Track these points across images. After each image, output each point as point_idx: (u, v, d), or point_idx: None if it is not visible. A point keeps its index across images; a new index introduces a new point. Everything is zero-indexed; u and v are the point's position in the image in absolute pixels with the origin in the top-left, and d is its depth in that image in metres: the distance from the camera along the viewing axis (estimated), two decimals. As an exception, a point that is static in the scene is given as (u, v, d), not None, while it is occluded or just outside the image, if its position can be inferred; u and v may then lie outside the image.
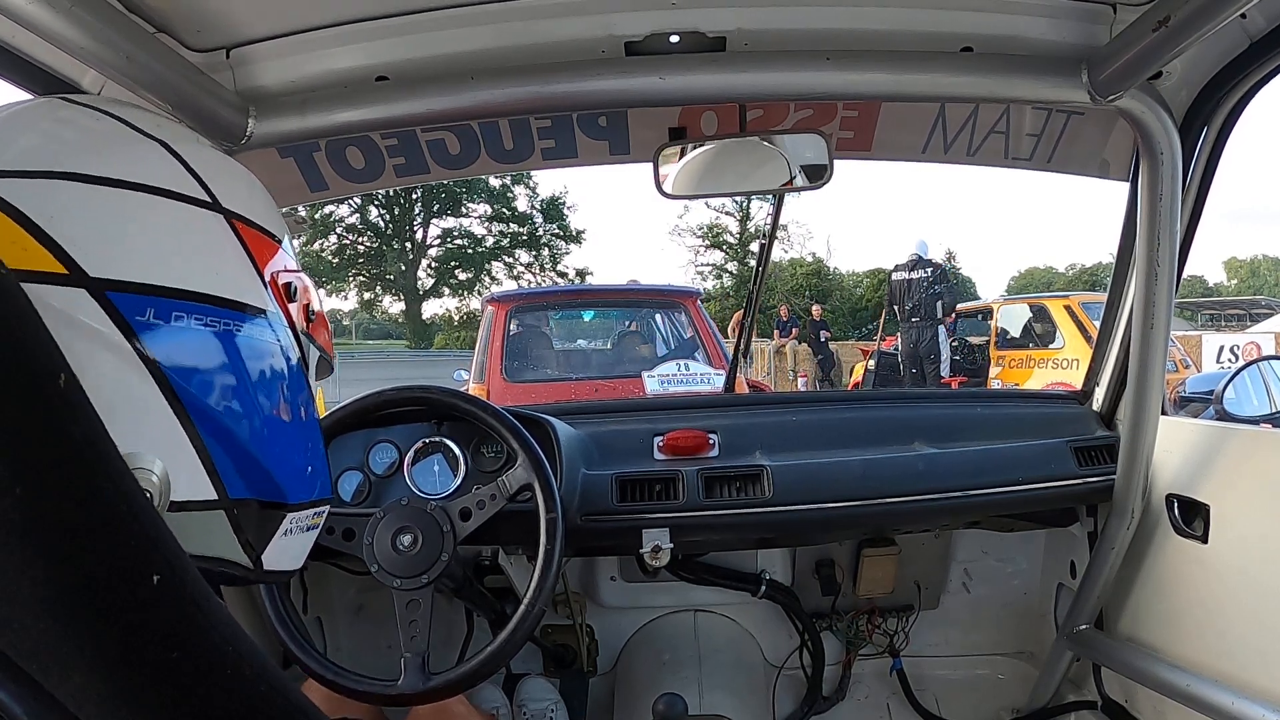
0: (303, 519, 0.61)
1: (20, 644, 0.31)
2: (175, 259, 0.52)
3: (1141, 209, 1.14)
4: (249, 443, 0.54)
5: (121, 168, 0.52)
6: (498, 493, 1.13)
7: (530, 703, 1.59)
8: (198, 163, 0.56)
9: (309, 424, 0.62)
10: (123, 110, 0.56)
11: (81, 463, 0.32)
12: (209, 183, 0.56)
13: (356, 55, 1.06)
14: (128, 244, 0.50)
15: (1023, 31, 1.04)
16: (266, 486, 0.56)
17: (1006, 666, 1.77)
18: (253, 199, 0.60)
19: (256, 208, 0.59)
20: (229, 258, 0.55)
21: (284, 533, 0.59)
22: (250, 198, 0.60)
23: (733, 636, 1.77)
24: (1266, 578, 1.09)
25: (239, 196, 0.58)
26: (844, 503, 1.31)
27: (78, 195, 0.49)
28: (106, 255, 0.49)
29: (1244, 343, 9.95)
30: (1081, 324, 7.06)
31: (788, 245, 27.32)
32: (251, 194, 0.60)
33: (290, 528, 0.59)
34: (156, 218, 0.52)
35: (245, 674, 0.36)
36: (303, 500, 0.60)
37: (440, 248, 28.23)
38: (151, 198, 0.52)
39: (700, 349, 4.56)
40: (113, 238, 0.50)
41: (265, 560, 0.57)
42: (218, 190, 0.56)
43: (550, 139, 1.39)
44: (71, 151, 0.51)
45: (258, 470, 0.55)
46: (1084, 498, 1.42)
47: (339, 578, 1.55)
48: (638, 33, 1.04)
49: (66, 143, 0.52)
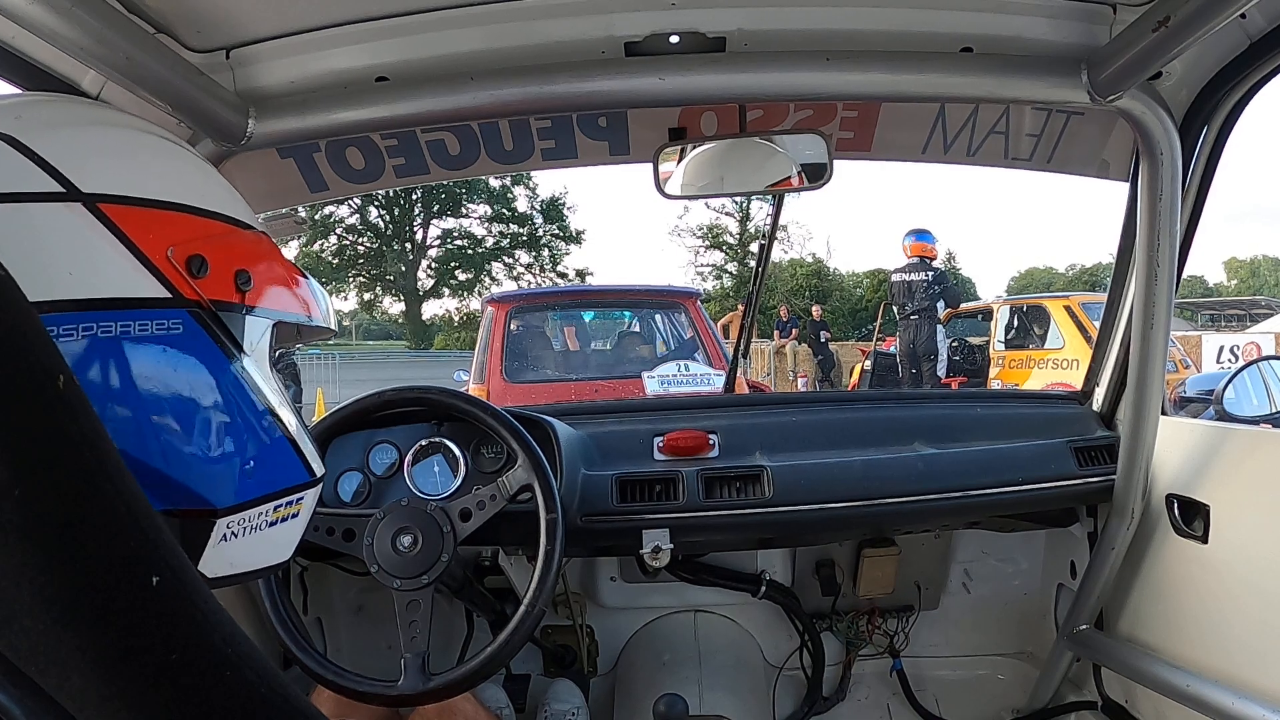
0: (252, 518, 0.55)
1: (20, 645, 0.31)
2: (26, 270, 0.44)
3: (1141, 209, 1.14)
4: (150, 454, 0.49)
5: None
6: (498, 493, 1.13)
7: (554, 703, 1.60)
8: (49, 147, 0.49)
9: (247, 415, 0.55)
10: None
11: (81, 464, 0.32)
12: (62, 168, 0.48)
13: (356, 56, 1.06)
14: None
15: (1022, 32, 1.04)
16: (180, 496, 0.50)
17: (1007, 667, 1.77)
18: (140, 168, 0.53)
19: (141, 178, 0.52)
20: (93, 252, 0.48)
21: (222, 539, 0.53)
22: (136, 167, 0.53)
23: (733, 637, 1.77)
24: (1266, 578, 1.09)
25: (113, 171, 0.51)
26: (844, 503, 1.31)
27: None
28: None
29: (1244, 343, 9.95)
30: (1081, 324, 7.06)
31: (788, 246, 27.40)
32: (139, 162, 0.53)
33: (234, 531, 0.54)
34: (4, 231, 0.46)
35: (245, 675, 0.36)
36: (242, 501, 0.54)
37: (440, 248, 28.29)
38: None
39: (700, 349, 4.56)
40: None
41: (206, 570, 0.52)
42: (79, 172, 0.49)
43: (550, 139, 1.39)
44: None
45: (165, 482, 0.49)
46: (1084, 498, 1.42)
47: (339, 578, 1.55)
48: (638, 33, 1.04)
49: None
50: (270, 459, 0.57)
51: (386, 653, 1.56)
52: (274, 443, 0.57)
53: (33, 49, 0.90)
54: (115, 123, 0.56)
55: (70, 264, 0.47)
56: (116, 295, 0.48)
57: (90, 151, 0.51)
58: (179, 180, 0.55)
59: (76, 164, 0.49)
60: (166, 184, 0.53)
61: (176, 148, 0.58)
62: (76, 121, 0.54)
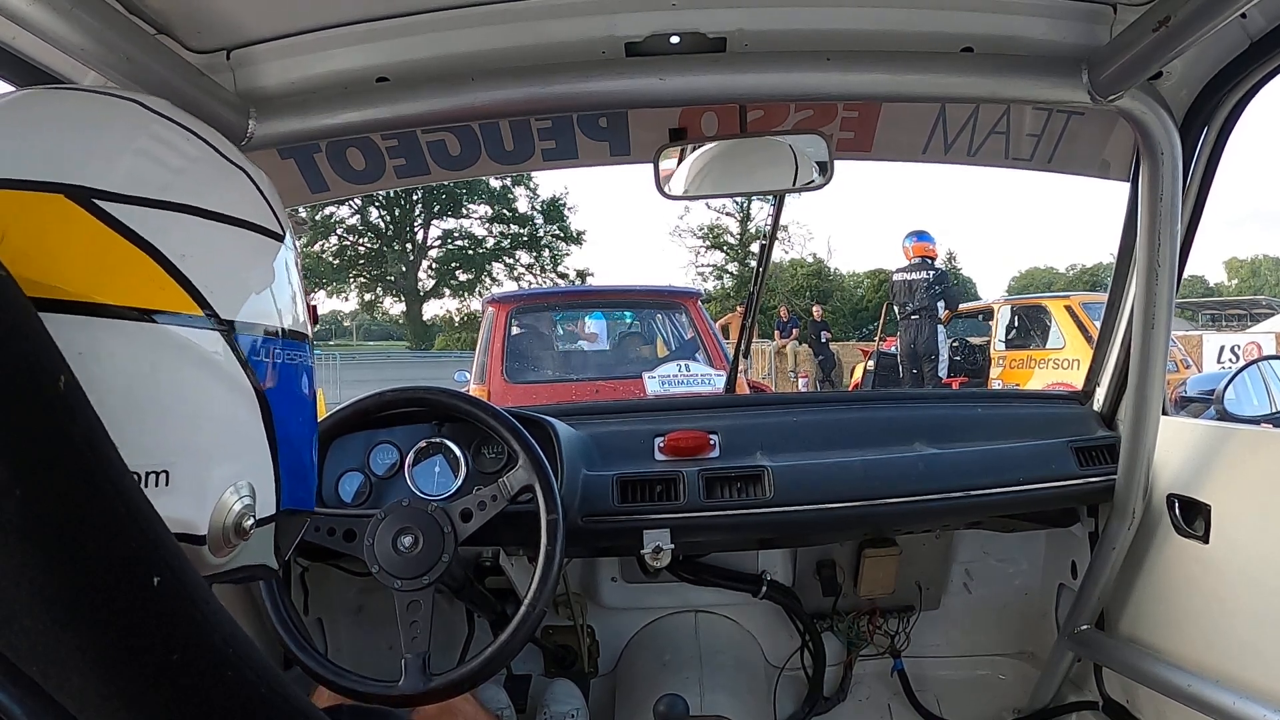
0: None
1: (20, 645, 0.31)
2: (273, 297, 0.54)
3: (1142, 209, 1.14)
4: (304, 458, 0.58)
5: (226, 202, 0.52)
6: (498, 494, 1.13)
7: (555, 703, 1.59)
8: (265, 189, 0.57)
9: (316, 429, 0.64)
10: (200, 128, 0.56)
11: (81, 464, 0.33)
12: (277, 211, 0.57)
13: (357, 56, 1.06)
14: (246, 285, 0.52)
15: (1023, 32, 1.04)
16: (303, 495, 0.59)
17: (1007, 667, 1.77)
18: (282, 214, 0.60)
19: (285, 223, 0.60)
20: (295, 290, 0.57)
21: (299, 534, 0.61)
22: (282, 214, 0.60)
23: (734, 637, 1.77)
24: (1267, 578, 1.09)
25: (283, 218, 0.58)
26: (845, 503, 1.30)
27: (201, 232, 0.50)
28: (232, 297, 0.50)
29: (1244, 343, 9.93)
30: (1082, 324, 7.05)
31: (788, 246, 27.41)
32: (279, 208, 0.60)
33: (303, 528, 0.62)
34: (256, 255, 0.54)
35: (245, 675, 0.36)
36: (314, 504, 0.62)
37: (441, 249, 28.29)
38: (249, 234, 0.53)
39: (701, 350, 4.56)
40: (235, 279, 0.51)
41: (285, 560, 0.60)
42: (280, 217, 0.57)
43: (551, 140, 1.39)
44: (184, 182, 0.51)
45: (302, 483, 0.58)
46: (1085, 498, 1.42)
47: (340, 579, 1.55)
48: (638, 33, 1.04)
49: (176, 170, 0.51)
50: None
51: (387, 653, 1.56)
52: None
53: (33, 49, 0.90)
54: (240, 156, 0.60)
55: (291, 299, 0.56)
56: (306, 331, 0.58)
57: (271, 192, 0.58)
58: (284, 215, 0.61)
59: (275, 204, 0.57)
60: (286, 223, 0.60)
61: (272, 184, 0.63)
62: (253, 163, 0.59)
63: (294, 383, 0.56)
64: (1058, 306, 7.51)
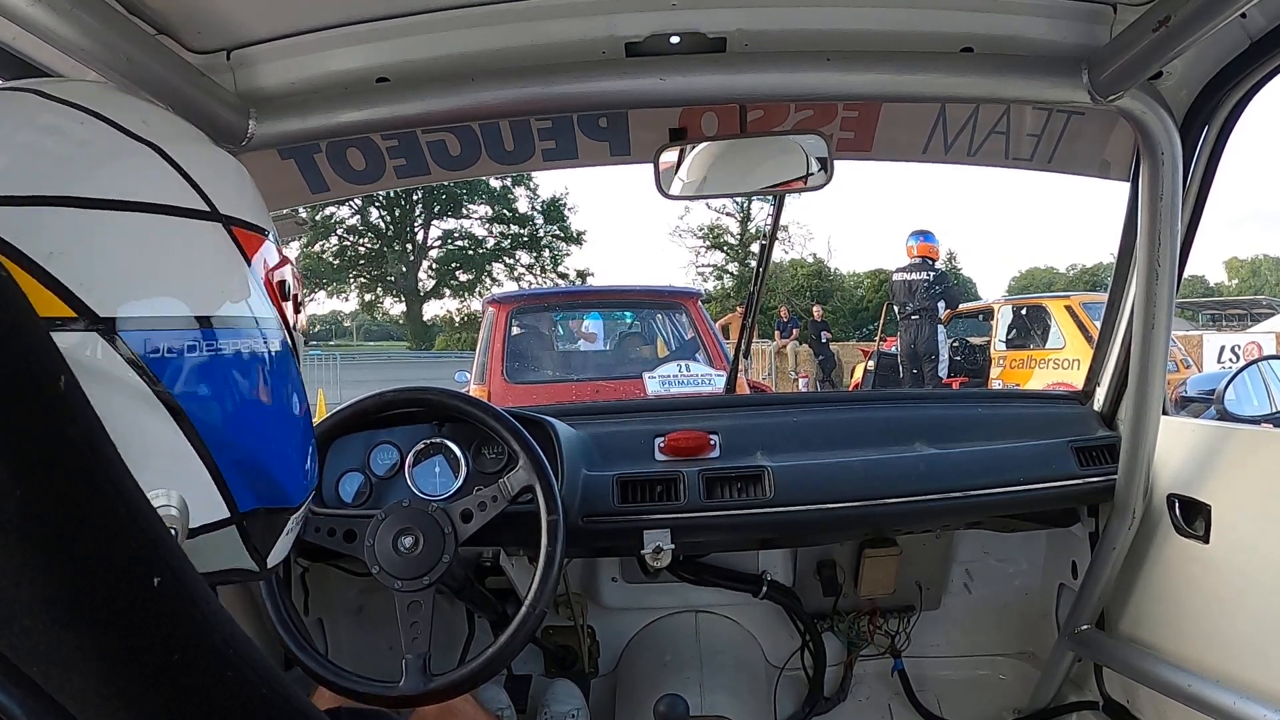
0: (302, 515, 0.61)
1: (20, 646, 0.31)
2: (183, 284, 0.49)
3: (1142, 209, 1.14)
4: (257, 456, 0.53)
5: (117, 185, 0.47)
6: (499, 494, 1.13)
7: (555, 703, 1.59)
8: (192, 165, 0.52)
9: (304, 420, 0.60)
10: (107, 106, 0.51)
11: (81, 465, 0.32)
12: (205, 188, 0.52)
13: (357, 56, 1.06)
14: (133, 275, 0.47)
15: (1023, 32, 1.04)
16: (273, 493, 0.56)
17: (1008, 667, 1.77)
18: (242, 195, 0.56)
19: (246, 203, 0.56)
20: (232, 271, 0.53)
21: (286, 532, 0.59)
22: (240, 194, 0.56)
23: (734, 637, 1.77)
24: (1267, 578, 1.09)
25: (232, 196, 0.54)
26: (845, 503, 1.30)
27: (75, 224, 0.45)
28: (113, 292, 0.46)
29: (1245, 343, 9.93)
30: (1082, 324, 7.05)
31: (788, 246, 27.41)
32: (241, 188, 0.57)
33: (291, 526, 0.60)
34: (159, 240, 0.49)
35: (246, 676, 0.36)
36: (303, 499, 0.60)
37: (441, 249, 28.33)
38: (151, 218, 0.48)
39: (701, 350, 4.56)
40: (118, 271, 0.46)
41: (269, 561, 0.58)
42: (214, 195, 0.52)
43: (551, 140, 1.39)
44: (61, 170, 0.46)
45: (265, 480, 0.55)
46: (1085, 498, 1.42)
47: (340, 579, 1.55)
48: (638, 33, 1.04)
49: (53, 158, 0.47)
50: (314, 461, 0.63)
51: (387, 653, 1.56)
52: (313, 448, 0.63)
53: (33, 50, 0.90)
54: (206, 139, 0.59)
55: (222, 282, 0.52)
56: (249, 315, 0.53)
57: (217, 171, 0.54)
58: (259, 203, 0.59)
59: (208, 181, 0.52)
60: (256, 208, 0.57)
61: (242, 168, 0.61)
62: (198, 138, 0.57)
63: (231, 373, 0.51)
64: (1058, 306, 7.51)
